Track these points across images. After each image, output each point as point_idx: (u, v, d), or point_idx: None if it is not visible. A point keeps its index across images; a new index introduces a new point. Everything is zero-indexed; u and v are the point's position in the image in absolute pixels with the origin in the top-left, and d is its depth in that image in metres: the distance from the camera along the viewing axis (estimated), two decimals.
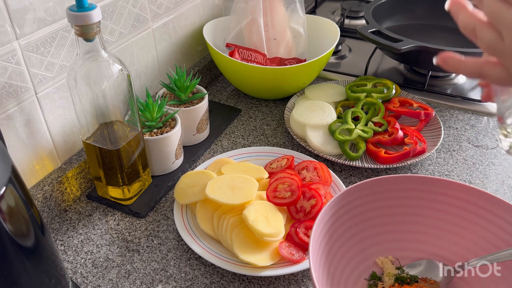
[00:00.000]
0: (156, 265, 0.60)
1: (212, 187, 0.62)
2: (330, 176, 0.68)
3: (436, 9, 1.07)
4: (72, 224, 0.66)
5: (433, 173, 0.75)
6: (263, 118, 0.88)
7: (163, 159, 0.71)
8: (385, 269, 0.56)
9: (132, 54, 0.77)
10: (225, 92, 0.96)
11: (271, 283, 0.58)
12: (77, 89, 0.57)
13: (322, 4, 1.36)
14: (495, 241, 0.53)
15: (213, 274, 0.59)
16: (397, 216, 0.57)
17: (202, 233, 0.62)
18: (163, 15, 0.82)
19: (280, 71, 0.83)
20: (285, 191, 0.63)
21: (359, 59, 1.06)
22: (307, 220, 0.61)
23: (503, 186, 0.72)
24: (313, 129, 0.78)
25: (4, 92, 0.56)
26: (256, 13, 0.88)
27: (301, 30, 0.92)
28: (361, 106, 0.82)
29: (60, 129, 0.67)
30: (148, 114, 0.69)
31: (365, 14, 0.97)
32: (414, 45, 0.83)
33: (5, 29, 0.54)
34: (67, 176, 0.66)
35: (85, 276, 0.58)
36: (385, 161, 0.73)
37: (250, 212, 0.58)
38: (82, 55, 0.56)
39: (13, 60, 0.56)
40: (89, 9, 0.51)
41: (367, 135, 0.77)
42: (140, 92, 0.82)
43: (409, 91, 0.92)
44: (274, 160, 0.73)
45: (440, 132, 0.78)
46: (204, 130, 0.80)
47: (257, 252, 0.57)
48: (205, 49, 0.98)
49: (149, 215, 0.67)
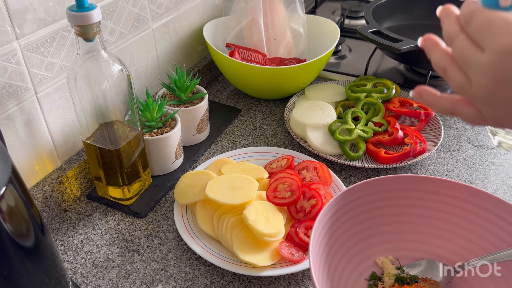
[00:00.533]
0: (156, 265, 0.60)
1: (212, 187, 0.62)
2: (330, 176, 0.68)
3: (436, 9, 1.07)
4: (72, 224, 0.66)
5: (433, 173, 0.75)
6: (263, 118, 0.88)
7: (163, 159, 0.71)
8: (385, 269, 0.56)
9: (132, 54, 0.77)
10: (225, 92, 0.96)
11: (271, 283, 0.58)
12: (77, 89, 0.57)
13: (322, 4, 1.36)
14: (495, 241, 0.53)
15: (213, 274, 0.59)
16: (397, 216, 0.57)
17: (202, 233, 0.62)
18: (163, 15, 0.82)
19: (280, 71, 0.83)
20: (285, 191, 0.63)
21: (359, 59, 1.05)
22: (307, 220, 0.61)
23: (503, 186, 0.72)
24: (313, 129, 0.78)
25: (4, 92, 0.56)
26: (256, 13, 0.88)
27: (301, 30, 0.92)
28: (361, 106, 0.82)
29: (60, 129, 0.67)
30: (148, 114, 0.69)
31: (365, 14, 0.97)
32: (414, 45, 0.83)
33: (5, 29, 0.54)
34: (67, 176, 0.66)
35: (85, 276, 0.58)
36: (385, 161, 0.73)
37: (250, 212, 0.58)
38: (82, 55, 0.56)
39: (13, 60, 0.56)
40: (89, 9, 0.51)
41: (367, 135, 0.77)
42: (140, 92, 0.82)
43: (409, 91, 0.92)
44: (274, 160, 0.73)
45: (440, 132, 0.78)
46: (204, 130, 0.80)
47: (257, 252, 0.57)
48: (205, 49, 0.98)
49: (149, 215, 0.67)
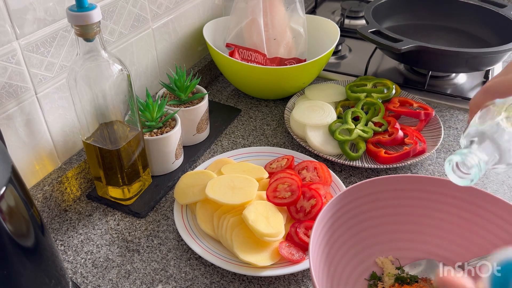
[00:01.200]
0: (156, 265, 0.60)
1: (212, 187, 0.62)
2: (330, 176, 0.68)
3: (436, 9, 1.07)
4: (72, 224, 0.66)
5: (433, 173, 0.75)
6: (263, 118, 0.88)
7: (163, 159, 0.71)
8: (385, 269, 0.56)
9: (132, 54, 0.77)
10: (225, 92, 0.96)
11: (271, 283, 0.58)
12: (77, 89, 0.57)
13: (322, 4, 1.36)
14: (495, 241, 0.53)
15: (213, 274, 0.59)
16: (397, 216, 0.57)
17: (202, 233, 0.62)
18: (163, 15, 0.82)
19: (280, 71, 0.83)
20: (285, 191, 0.63)
21: (359, 59, 1.05)
22: (307, 220, 0.61)
23: (503, 186, 0.72)
24: (313, 129, 0.78)
25: (4, 92, 0.56)
26: (256, 13, 0.88)
27: (301, 30, 0.92)
28: (361, 106, 0.82)
29: (60, 129, 0.67)
30: (148, 114, 0.69)
31: (365, 14, 0.97)
32: (414, 45, 0.83)
33: (5, 29, 0.54)
34: (67, 176, 0.66)
35: (85, 276, 0.58)
36: (385, 161, 0.73)
37: (250, 212, 0.58)
38: (82, 55, 0.56)
39: (13, 60, 0.56)
40: (89, 9, 0.51)
41: (367, 135, 0.77)
42: (140, 92, 0.82)
43: (409, 91, 0.92)
44: (274, 160, 0.73)
45: (440, 132, 0.78)
46: (204, 130, 0.80)
47: (257, 252, 0.57)
48: (205, 49, 0.98)
49: (149, 215, 0.67)
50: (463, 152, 0.41)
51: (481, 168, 0.40)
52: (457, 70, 0.94)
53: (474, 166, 0.40)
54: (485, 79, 0.98)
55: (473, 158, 0.40)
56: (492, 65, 0.89)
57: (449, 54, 0.84)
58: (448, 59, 0.86)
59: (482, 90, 0.41)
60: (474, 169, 0.41)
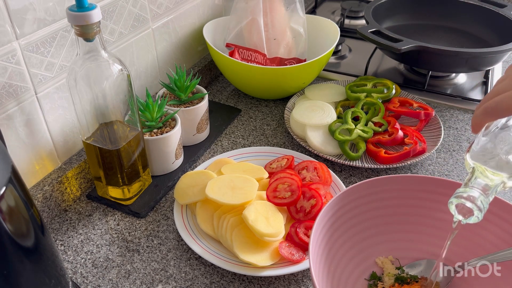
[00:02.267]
0: (156, 265, 0.60)
1: (212, 187, 0.62)
2: (330, 176, 0.68)
3: (436, 9, 1.07)
4: (72, 224, 0.66)
5: (433, 173, 0.75)
6: (263, 118, 0.88)
7: (163, 159, 0.71)
8: (385, 269, 0.56)
9: (132, 54, 0.77)
10: (225, 92, 0.96)
11: (271, 283, 0.58)
12: (77, 89, 0.57)
13: (322, 4, 1.36)
14: (495, 241, 0.53)
15: (213, 274, 0.59)
16: (397, 216, 0.57)
17: (202, 233, 0.62)
18: (163, 15, 0.82)
19: (280, 71, 0.83)
20: (285, 191, 0.63)
21: (359, 59, 1.06)
22: (307, 220, 0.61)
23: None
24: (313, 129, 0.78)
25: (4, 92, 0.56)
26: (256, 13, 0.88)
27: (301, 30, 0.92)
28: (361, 106, 0.82)
29: (60, 129, 0.67)
30: (148, 114, 0.69)
31: (365, 14, 0.97)
32: (414, 45, 0.83)
33: (5, 29, 0.54)
34: (67, 176, 0.66)
35: (85, 276, 0.58)
36: (385, 161, 0.73)
37: (250, 212, 0.58)
38: (82, 55, 0.56)
39: (13, 60, 0.56)
40: (89, 9, 0.51)
41: (367, 135, 0.77)
42: (140, 92, 0.82)
43: (409, 91, 0.92)
44: (274, 160, 0.73)
45: (440, 132, 0.78)
46: (204, 130, 0.80)
47: (257, 252, 0.57)
48: (205, 49, 0.98)
49: (149, 215, 0.67)
50: (459, 193, 0.41)
51: (483, 205, 0.41)
52: (457, 70, 0.94)
53: (474, 207, 0.41)
54: (485, 79, 0.98)
55: (471, 195, 0.41)
56: (492, 65, 0.89)
57: (449, 54, 0.84)
58: (448, 59, 0.86)
59: (482, 110, 0.41)
60: (475, 211, 0.41)
